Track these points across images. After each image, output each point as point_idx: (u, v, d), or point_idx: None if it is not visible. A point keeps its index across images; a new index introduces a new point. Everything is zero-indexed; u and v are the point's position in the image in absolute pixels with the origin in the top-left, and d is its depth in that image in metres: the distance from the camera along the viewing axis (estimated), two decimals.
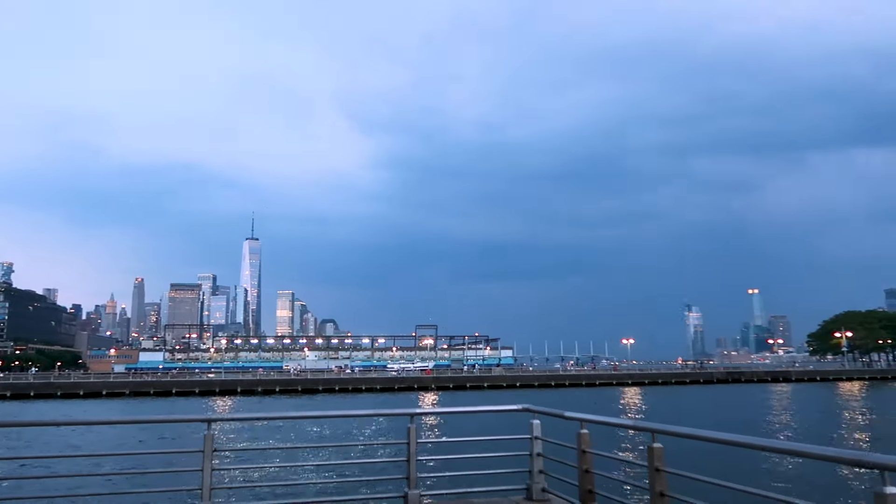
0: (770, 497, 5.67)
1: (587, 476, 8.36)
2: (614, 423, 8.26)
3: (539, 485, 9.60)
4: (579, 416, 8.62)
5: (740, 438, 5.95)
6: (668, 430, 7.07)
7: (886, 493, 4.43)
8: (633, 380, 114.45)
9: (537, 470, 9.64)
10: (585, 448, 8.46)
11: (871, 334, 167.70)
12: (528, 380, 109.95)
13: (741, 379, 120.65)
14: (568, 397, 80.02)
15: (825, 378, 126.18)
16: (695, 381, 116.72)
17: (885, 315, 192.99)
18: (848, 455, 4.82)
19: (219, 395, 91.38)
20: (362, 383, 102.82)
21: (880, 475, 4.52)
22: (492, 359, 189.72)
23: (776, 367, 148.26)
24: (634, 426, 7.61)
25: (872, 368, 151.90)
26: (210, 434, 8.48)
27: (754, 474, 21.99)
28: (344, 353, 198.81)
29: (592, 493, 8.33)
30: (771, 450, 5.74)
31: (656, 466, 6.88)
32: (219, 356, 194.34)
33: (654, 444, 7.00)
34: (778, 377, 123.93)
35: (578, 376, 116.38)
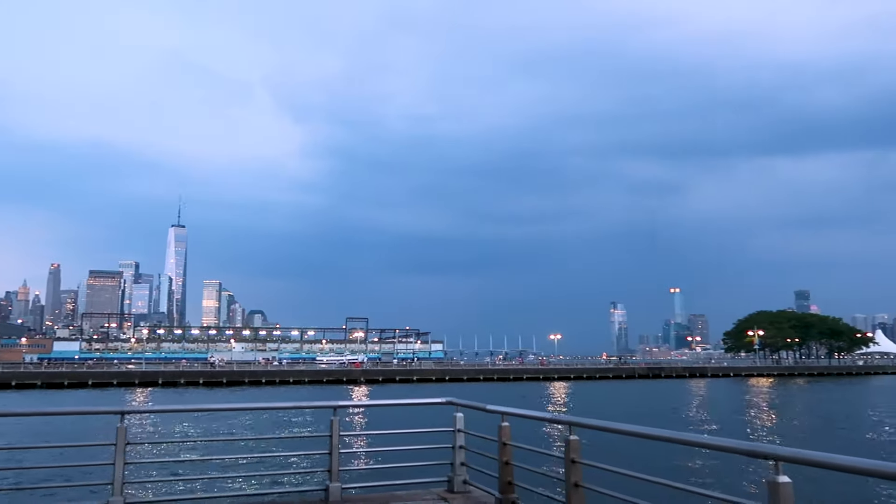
0: (674, 487, 5.95)
1: (507, 468, 8.53)
2: (534, 416, 8.44)
3: (461, 477, 9.73)
4: (501, 409, 8.77)
5: (650, 431, 6.21)
6: (583, 423, 7.31)
7: (778, 482, 4.71)
8: (559, 374, 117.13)
9: (459, 462, 9.76)
10: (506, 441, 8.62)
11: (780, 333, 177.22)
12: (457, 373, 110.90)
13: (661, 374, 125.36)
14: (495, 391, 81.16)
15: (738, 374, 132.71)
16: (618, 376, 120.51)
17: (793, 315, 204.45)
18: (745, 446, 5.11)
19: (138, 386, 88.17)
20: (290, 376, 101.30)
21: (774, 464, 4.80)
22: (422, 352, 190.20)
23: (694, 364, 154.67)
24: (553, 419, 7.81)
25: (781, 365, 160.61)
26: (123, 427, 8.21)
27: (664, 465, 22.93)
28: (272, 345, 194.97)
29: (512, 484, 8.50)
30: (677, 441, 6.02)
31: (572, 458, 7.09)
32: (140, 347, 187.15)
33: (570, 437, 7.21)
34: (695, 373, 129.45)
35: (507, 370, 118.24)
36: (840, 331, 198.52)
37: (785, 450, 4.81)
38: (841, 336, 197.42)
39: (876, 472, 4.36)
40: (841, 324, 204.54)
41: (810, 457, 4.81)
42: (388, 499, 9.39)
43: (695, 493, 5.83)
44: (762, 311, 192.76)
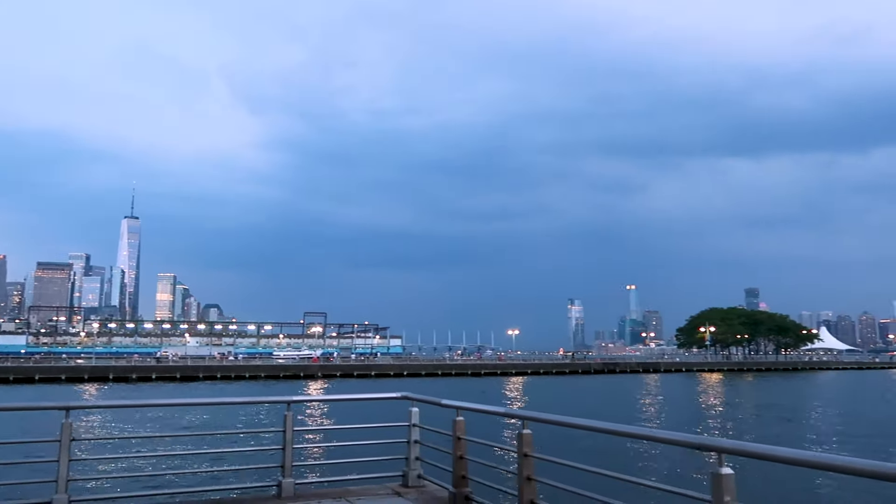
0: (623, 479, 6.08)
1: (461, 462, 8.58)
2: (488, 410, 8.51)
3: (415, 471, 9.75)
4: (455, 403, 8.82)
5: (600, 424, 6.33)
6: (536, 417, 7.41)
7: (721, 474, 4.86)
8: (516, 370, 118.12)
9: (414, 457, 9.78)
10: (460, 435, 8.67)
11: (730, 329, 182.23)
12: (415, 368, 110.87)
13: (616, 370, 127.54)
14: (454, 386, 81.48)
15: (690, 369, 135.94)
16: (574, 371, 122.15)
17: (743, 312, 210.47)
18: (690, 439, 5.25)
19: (88, 381, 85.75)
20: (246, 371, 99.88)
21: (717, 457, 4.95)
22: (381, 347, 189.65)
23: (647, 359, 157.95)
24: (506, 413, 7.91)
25: (731, 361, 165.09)
26: (68, 423, 7.99)
27: (615, 458, 23.43)
28: (228, 340, 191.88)
29: (465, 478, 8.56)
30: (626, 434, 6.16)
31: (525, 452, 7.18)
32: (90, 341, 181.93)
33: (523, 431, 7.29)
34: (649, 368, 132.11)
35: (465, 366, 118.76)
36: (787, 328, 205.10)
37: (727, 442, 4.96)
38: (788, 333, 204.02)
39: (813, 463, 4.53)
40: (788, 321, 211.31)
41: (751, 449, 5.00)
42: (342, 493, 9.35)
43: (642, 485, 5.97)
44: (714, 308, 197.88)
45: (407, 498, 9.13)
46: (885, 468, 4.01)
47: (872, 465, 4.10)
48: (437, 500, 8.96)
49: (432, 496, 9.17)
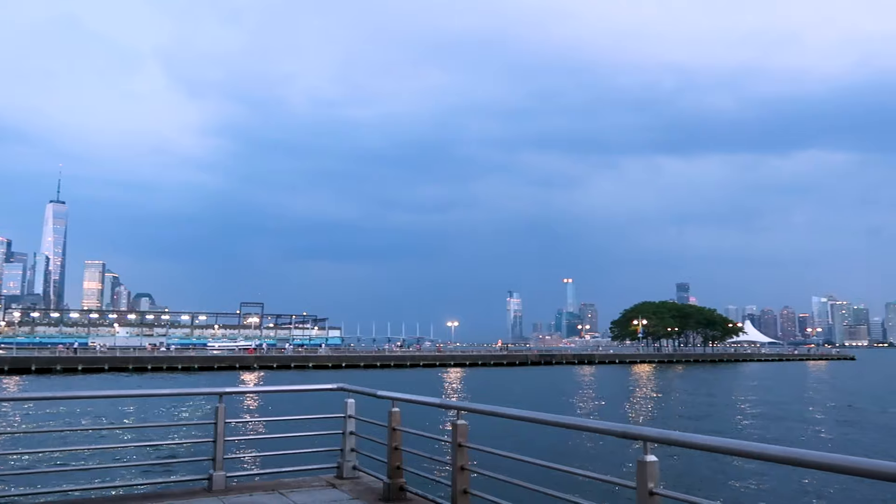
0: (554, 468, 6.23)
1: (396, 453, 8.61)
2: (423, 401, 8.56)
3: (350, 463, 9.73)
4: (391, 394, 8.84)
5: (533, 415, 6.47)
6: (471, 408, 7.50)
7: (646, 461, 5.04)
8: (455, 361, 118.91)
9: (349, 448, 9.76)
10: (396, 426, 8.70)
11: (661, 322, 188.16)
12: (354, 360, 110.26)
13: (552, 361, 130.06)
14: (393, 378, 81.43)
15: (623, 361, 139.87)
16: (511, 362, 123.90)
17: (674, 306, 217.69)
18: (618, 428, 5.43)
19: (8, 374, 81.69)
20: (178, 362, 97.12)
21: (643, 445, 5.13)
22: (319, 339, 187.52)
23: (583, 351, 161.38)
24: (441, 404, 7.96)
25: (661, 353, 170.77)
26: None
27: (547, 447, 24.00)
28: (160, 330, 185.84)
29: (400, 469, 8.60)
30: (557, 424, 6.31)
31: (459, 442, 7.26)
32: (11, 330, 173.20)
33: (458, 422, 7.37)
34: (584, 360, 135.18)
35: (404, 357, 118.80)
36: (715, 321, 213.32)
37: (652, 431, 5.15)
38: (715, 326, 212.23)
39: (730, 449, 4.75)
40: (715, 315, 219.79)
41: (674, 437, 5.22)
42: (276, 486, 9.25)
43: (572, 473, 6.13)
44: (646, 302, 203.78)
45: (341, 489, 9.11)
46: (797, 454, 4.24)
47: (784, 451, 4.33)
48: (371, 491, 8.97)
49: (367, 487, 9.18)
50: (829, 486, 20.82)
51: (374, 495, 8.74)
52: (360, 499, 8.61)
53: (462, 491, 7.18)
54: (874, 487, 19.22)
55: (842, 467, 3.92)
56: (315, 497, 8.69)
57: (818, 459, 4.05)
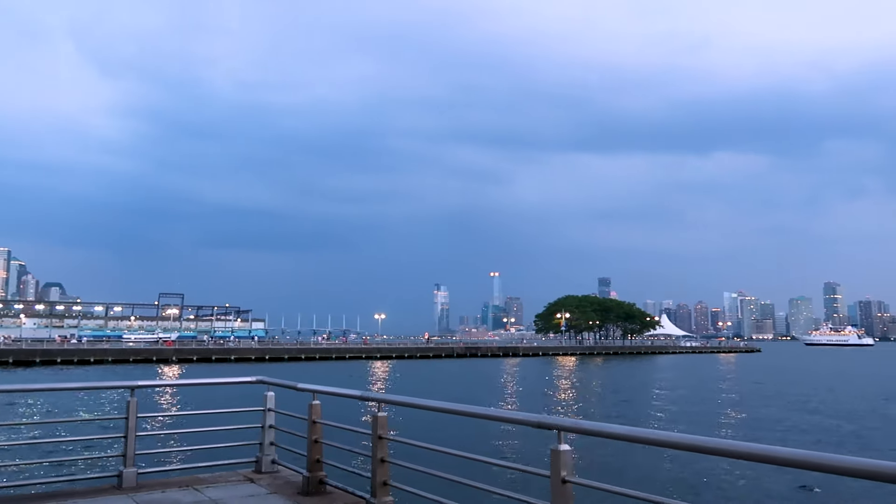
0: (471, 458, 6.32)
1: (316, 446, 8.54)
2: (344, 393, 8.50)
3: (269, 457, 9.58)
4: (311, 387, 8.74)
5: (452, 406, 6.55)
6: (390, 400, 7.52)
7: (560, 450, 5.19)
8: (381, 353, 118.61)
9: (268, 442, 9.60)
10: (316, 419, 8.61)
11: (584, 316, 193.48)
12: (278, 353, 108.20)
13: (478, 354, 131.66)
14: (317, 370, 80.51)
15: (546, 353, 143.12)
16: (438, 355, 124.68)
17: (596, 300, 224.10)
18: (533, 418, 5.57)
19: None
20: (91, 355, 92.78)
21: (557, 434, 5.27)
22: (242, 331, 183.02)
23: (507, 344, 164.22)
24: (362, 396, 7.93)
25: (583, 345, 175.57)
26: None
27: (464, 438, 24.39)
28: (71, 322, 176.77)
29: (320, 462, 8.53)
30: (474, 415, 6.40)
31: (379, 434, 7.27)
32: None
33: (378, 414, 7.37)
34: (509, 352, 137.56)
35: (329, 349, 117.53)
36: (634, 315, 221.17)
37: (566, 421, 5.31)
38: (634, 319, 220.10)
39: (640, 438, 4.95)
40: (634, 308, 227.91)
41: (587, 426, 5.40)
42: (190, 482, 8.99)
43: (489, 463, 6.25)
44: (570, 296, 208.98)
45: (259, 484, 8.95)
46: (699, 441, 4.45)
47: (688, 438, 4.54)
48: (290, 485, 8.86)
49: (286, 481, 9.06)
50: (734, 472, 22.01)
51: (292, 489, 8.64)
52: (279, 493, 8.49)
53: (382, 483, 7.19)
54: (772, 472, 20.48)
55: (740, 453, 4.16)
56: (231, 492, 8.51)
57: (719, 446, 4.28)
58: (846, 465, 3.60)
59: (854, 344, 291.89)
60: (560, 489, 5.07)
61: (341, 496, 8.25)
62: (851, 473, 3.59)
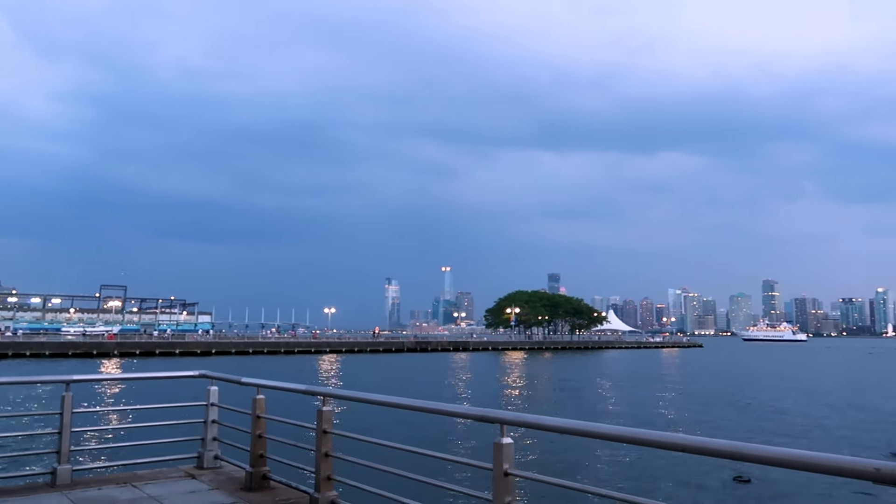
0: (415, 451, 6.36)
1: (260, 441, 8.45)
2: (288, 388, 8.40)
3: (212, 452, 9.43)
4: (256, 381, 8.63)
5: (395, 400, 6.56)
6: (335, 394, 7.50)
7: (502, 443, 5.27)
8: (331, 348, 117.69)
9: (211, 437, 9.46)
10: (260, 413, 8.52)
11: (533, 311, 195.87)
12: (224, 346, 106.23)
13: (428, 348, 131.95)
14: (265, 365, 79.38)
15: (496, 348, 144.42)
16: (388, 349, 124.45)
17: (545, 295, 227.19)
18: (476, 412, 5.63)
19: None
20: (27, 348, 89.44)
21: (500, 428, 5.35)
22: (188, 324, 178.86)
23: (458, 338, 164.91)
24: (306, 391, 7.86)
25: (532, 340, 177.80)
26: None
27: (410, 432, 24.45)
28: (6, 314, 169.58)
29: (264, 457, 8.44)
30: (418, 409, 6.43)
31: (324, 429, 7.23)
32: None
33: (323, 408, 7.33)
34: (459, 347, 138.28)
35: (278, 344, 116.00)
36: (582, 310, 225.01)
37: (508, 414, 5.39)
38: (582, 315, 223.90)
39: (580, 431, 5.05)
40: (582, 304, 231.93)
41: (528, 419, 5.51)
42: (129, 479, 8.78)
43: (432, 456, 6.29)
44: (519, 291, 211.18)
45: (200, 480, 8.80)
46: (641, 434, 4.58)
47: (631, 431, 4.67)
48: (232, 480, 8.75)
49: (228, 477, 8.94)
50: (672, 463, 22.67)
51: (235, 485, 8.53)
52: (221, 489, 8.37)
53: (326, 477, 7.17)
54: (708, 463, 21.17)
55: (675, 445, 4.31)
56: (171, 489, 8.35)
57: (655, 438, 4.41)
58: (772, 456, 3.78)
59: (789, 339, 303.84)
60: (502, 481, 5.15)
61: (285, 491, 8.19)
62: (777, 463, 3.77)
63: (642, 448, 21.47)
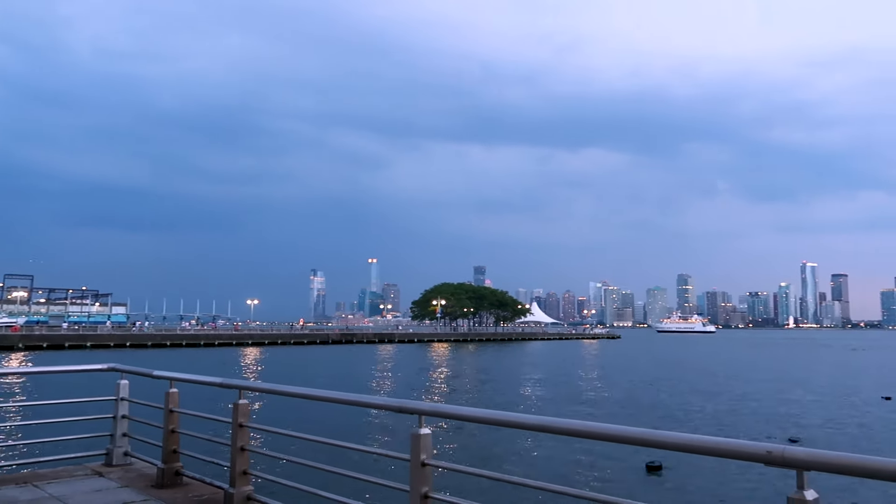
0: (332, 444, 6.31)
1: (173, 436, 8.18)
2: (203, 381, 8.15)
3: (121, 449, 9.07)
4: (169, 374, 8.34)
5: (312, 392, 6.49)
6: (251, 387, 7.35)
7: (420, 434, 5.31)
8: (253, 340, 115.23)
9: (121, 433, 9.09)
10: (173, 407, 8.25)
11: (459, 303, 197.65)
12: (139, 339, 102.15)
13: (354, 340, 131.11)
14: (183, 358, 76.87)
15: (421, 340, 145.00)
16: (312, 341, 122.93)
17: (471, 288, 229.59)
18: (394, 403, 5.65)
19: None
20: None
21: (418, 418, 5.38)
22: (100, 316, 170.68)
23: (383, 330, 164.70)
24: (222, 384, 7.65)
25: (457, 332, 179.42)
26: None
27: (328, 424, 24.27)
28: None
29: (177, 452, 8.18)
30: (336, 401, 6.39)
31: (240, 422, 7.07)
32: None
33: (239, 401, 7.16)
34: (384, 339, 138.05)
35: (197, 336, 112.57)
36: (506, 302, 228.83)
37: (426, 405, 5.42)
38: (506, 307, 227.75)
39: (495, 420, 5.15)
40: (507, 296, 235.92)
41: (446, 410, 5.59)
42: (30, 478, 8.34)
43: (350, 448, 6.27)
44: (446, 283, 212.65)
45: (109, 478, 8.45)
46: (554, 423, 4.70)
47: (545, 420, 4.79)
48: (143, 477, 8.44)
49: (139, 474, 8.61)
50: (588, 451, 23.41)
51: (146, 482, 8.23)
52: (131, 486, 8.06)
53: (242, 472, 7.01)
54: (622, 450, 22.00)
55: (588, 433, 4.46)
56: (76, 487, 7.97)
57: (568, 427, 4.53)
58: (675, 442, 3.97)
59: (699, 331, 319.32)
60: (419, 472, 5.19)
61: (198, 487, 7.97)
62: (680, 448, 3.97)
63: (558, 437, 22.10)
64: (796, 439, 27.76)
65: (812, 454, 3.38)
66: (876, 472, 3.19)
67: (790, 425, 32.05)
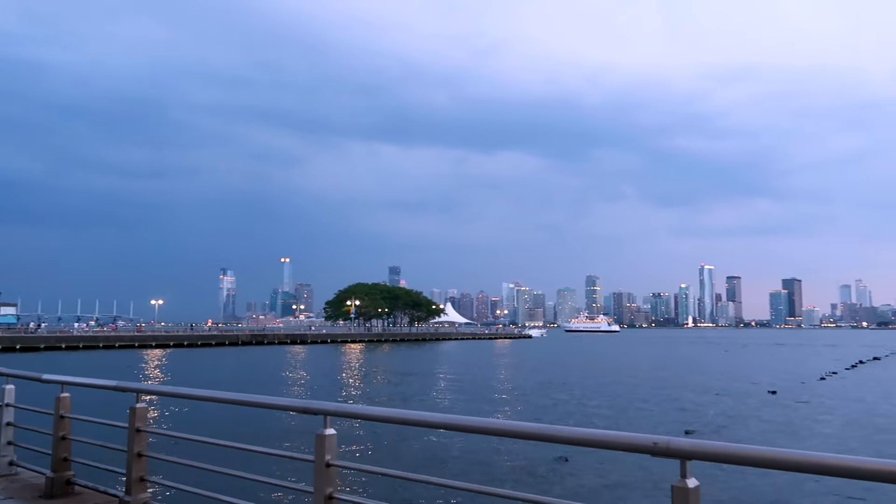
0: (233, 446, 6.18)
1: (64, 443, 7.78)
2: (97, 384, 7.78)
3: (6, 458, 8.55)
4: (59, 378, 7.92)
5: (213, 394, 6.36)
6: (150, 390, 7.12)
7: (325, 434, 5.30)
8: (157, 342, 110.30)
9: (5, 442, 8.57)
10: (64, 413, 7.84)
11: (373, 304, 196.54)
12: (31, 342, 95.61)
13: (265, 341, 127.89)
14: (79, 361, 72.70)
15: (335, 340, 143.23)
16: (221, 343, 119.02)
17: (385, 288, 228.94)
18: (299, 404, 5.60)
19: None
20: None
21: (323, 419, 5.37)
22: None
23: (296, 331, 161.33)
24: (117, 387, 7.34)
25: (372, 332, 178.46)
26: None
27: (231, 427, 23.69)
28: None
29: (68, 460, 7.79)
30: (238, 402, 6.28)
31: (137, 427, 6.82)
32: None
33: (136, 405, 6.91)
34: (297, 340, 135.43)
35: (96, 338, 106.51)
36: (420, 303, 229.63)
37: (331, 405, 5.41)
38: (421, 307, 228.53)
39: (402, 419, 5.20)
40: (421, 297, 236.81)
41: (352, 410, 5.64)
42: None
43: (253, 451, 6.16)
44: (360, 283, 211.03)
45: None
46: (461, 421, 4.81)
47: (451, 418, 4.90)
48: (31, 487, 7.98)
49: (26, 484, 8.14)
50: (496, 448, 23.91)
51: (33, 492, 7.79)
52: (17, 497, 7.61)
53: (139, 478, 6.77)
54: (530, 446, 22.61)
55: (493, 430, 4.59)
56: None
57: (473, 424, 4.66)
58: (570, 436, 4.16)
59: (604, 330, 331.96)
60: (324, 472, 5.18)
61: (91, 496, 7.62)
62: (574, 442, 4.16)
63: (465, 434, 22.47)
64: (691, 431, 29.39)
65: (694, 444, 3.64)
66: (754, 460, 3.48)
67: (690, 419, 33.84)
